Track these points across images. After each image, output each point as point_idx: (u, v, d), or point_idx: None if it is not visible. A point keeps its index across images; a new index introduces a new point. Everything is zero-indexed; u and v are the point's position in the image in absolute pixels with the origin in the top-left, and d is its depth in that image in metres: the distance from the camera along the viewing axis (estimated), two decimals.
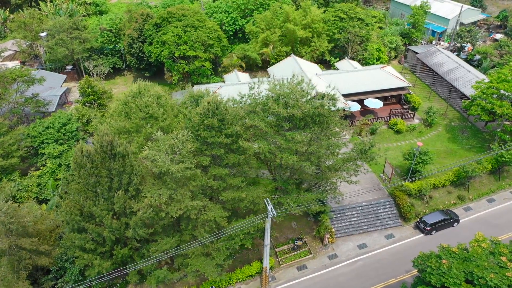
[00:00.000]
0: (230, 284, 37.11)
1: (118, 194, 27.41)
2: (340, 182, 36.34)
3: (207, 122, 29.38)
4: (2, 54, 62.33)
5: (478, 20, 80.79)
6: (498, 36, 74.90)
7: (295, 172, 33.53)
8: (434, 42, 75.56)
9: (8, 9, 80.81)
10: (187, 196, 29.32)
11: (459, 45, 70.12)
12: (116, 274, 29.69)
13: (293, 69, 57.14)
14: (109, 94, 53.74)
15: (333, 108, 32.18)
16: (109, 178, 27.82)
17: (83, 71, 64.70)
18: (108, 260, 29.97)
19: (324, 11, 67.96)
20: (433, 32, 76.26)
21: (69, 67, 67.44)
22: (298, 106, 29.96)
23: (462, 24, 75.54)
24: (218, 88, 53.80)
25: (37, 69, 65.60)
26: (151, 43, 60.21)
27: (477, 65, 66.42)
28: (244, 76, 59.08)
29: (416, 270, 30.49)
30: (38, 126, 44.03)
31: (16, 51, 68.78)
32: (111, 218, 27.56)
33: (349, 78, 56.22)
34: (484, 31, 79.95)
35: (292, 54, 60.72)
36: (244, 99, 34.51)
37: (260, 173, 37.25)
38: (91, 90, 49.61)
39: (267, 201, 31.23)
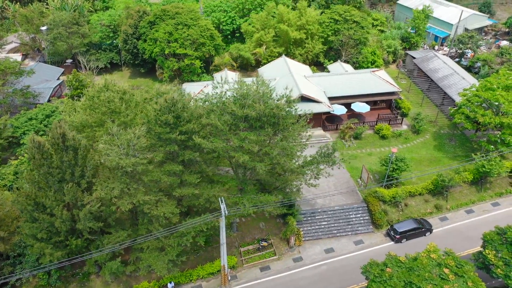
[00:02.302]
0: (191, 280, 37.45)
1: (68, 186, 28.13)
2: (301, 185, 36.17)
3: (162, 118, 29.81)
4: (3, 46, 64.51)
5: (486, 26, 78.56)
6: (504, 43, 72.65)
7: (253, 173, 33.58)
8: (436, 47, 73.92)
9: (18, 3, 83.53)
10: (140, 190, 29.82)
11: (460, 51, 68.38)
12: (66, 263, 30.44)
13: (281, 69, 57.26)
14: None
15: (291, 110, 32.00)
16: (61, 169, 28.57)
17: (81, 65, 66.34)
18: (64, 250, 30.78)
19: (322, 13, 67.45)
20: (436, 37, 74.62)
21: (69, 60, 69.25)
22: (253, 107, 30.05)
23: (466, 29, 73.69)
24: (205, 87, 54.24)
25: (38, 61, 67.85)
26: (145, 40, 61.22)
27: (477, 72, 64.67)
28: (234, 75, 59.24)
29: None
30: (22, 117, 45.52)
31: (21, 44, 71.00)
32: (61, 209, 28.32)
33: (337, 81, 55.67)
34: (491, 38, 77.75)
35: (283, 55, 60.57)
36: (207, 97, 34.78)
37: (224, 171, 37.40)
38: (78, 84, 50.82)
39: (221, 200, 31.50)
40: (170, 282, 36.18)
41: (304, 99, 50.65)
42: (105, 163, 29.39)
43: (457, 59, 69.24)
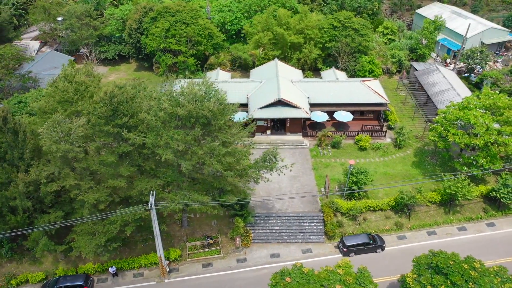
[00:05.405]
0: (133, 267, 39.09)
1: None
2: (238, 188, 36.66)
3: (99, 110, 31.56)
4: (25, 33, 69.60)
5: (509, 41, 74.05)
6: None
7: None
8: (448, 60, 70.77)
9: None
10: (71, 176, 31.78)
11: (469, 66, 65.08)
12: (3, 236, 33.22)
13: (270, 72, 57.56)
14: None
15: (225, 113, 32.59)
16: (1, 150, 31.19)
17: (85, 55, 70.28)
18: (5, 225, 33.53)
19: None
20: (449, 50, 71.39)
21: (82, 50, 73.40)
22: (185, 106, 31.01)
23: (483, 44, 69.94)
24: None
25: (55, 49, 72.66)
26: (147, 35, 63.73)
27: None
28: (225, 75, 60.32)
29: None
30: (14, 99, 49.30)
31: (40, 32, 76.09)
32: None
33: (324, 88, 55.12)
34: (511, 54, 73.20)
35: (276, 58, 60.71)
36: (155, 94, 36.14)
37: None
38: None
39: (152, 193, 32.83)
40: (112, 267, 37.97)
41: (283, 103, 50.77)
42: (43, 147, 31.64)
43: (466, 74, 66.03)
